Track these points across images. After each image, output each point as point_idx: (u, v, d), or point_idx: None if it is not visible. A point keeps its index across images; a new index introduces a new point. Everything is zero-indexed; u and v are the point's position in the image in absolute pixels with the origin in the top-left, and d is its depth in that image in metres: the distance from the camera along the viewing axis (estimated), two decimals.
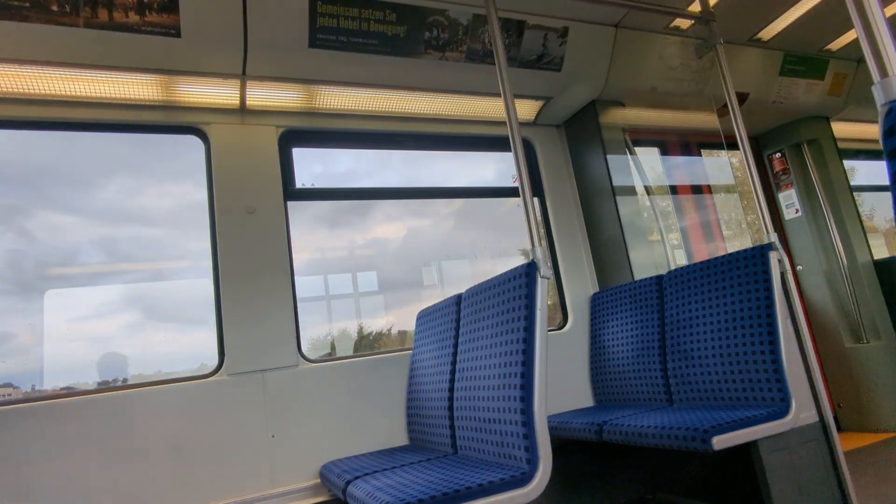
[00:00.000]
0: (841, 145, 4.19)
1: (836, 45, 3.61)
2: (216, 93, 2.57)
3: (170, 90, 2.50)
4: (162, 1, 2.10)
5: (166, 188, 2.77)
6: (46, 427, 2.07)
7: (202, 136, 2.64)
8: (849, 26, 3.41)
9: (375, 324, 3.44)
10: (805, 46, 3.57)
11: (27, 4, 1.97)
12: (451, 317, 2.35)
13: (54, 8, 2.00)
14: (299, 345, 2.55)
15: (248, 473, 2.30)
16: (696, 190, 3.79)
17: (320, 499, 2.35)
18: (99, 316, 2.47)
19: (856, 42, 3.59)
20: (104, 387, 2.31)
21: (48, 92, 2.35)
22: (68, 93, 2.38)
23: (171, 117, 2.58)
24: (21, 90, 2.31)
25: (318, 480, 2.38)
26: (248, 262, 2.53)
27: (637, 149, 3.38)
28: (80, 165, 2.55)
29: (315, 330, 3.14)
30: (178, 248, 2.74)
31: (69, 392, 2.25)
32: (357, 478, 1.89)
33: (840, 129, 4.31)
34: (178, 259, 2.74)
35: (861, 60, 3.91)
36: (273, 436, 2.38)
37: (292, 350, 2.51)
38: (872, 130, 4.76)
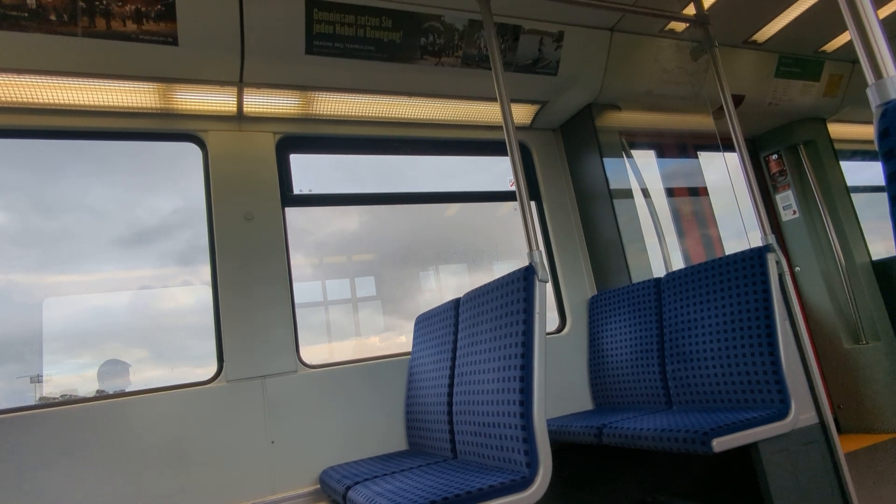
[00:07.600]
0: (837, 146, 4.20)
1: (831, 46, 3.62)
2: (213, 100, 2.58)
3: (167, 98, 2.51)
4: (159, 9, 2.11)
5: None
6: (46, 434, 2.07)
7: (199, 143, 2.65)
8: (844, 27, 3.42)
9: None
10: (800, 48, 3.59)
11: (25, 14, 1.98)
12: (450, 321, 2.35)
13: (52, 18, 2.01)
14: (298, 350, 2.55)
15: (248, 479, 2.30)
16: (693, 192, 3.79)
17: None
18: None
19: (851, 43, 3.59)
20: (104, 394, 2.31)
21: (47, 101, 2.35)
22: (67, 102, 2.38)
23: (168, 125, 2.59)
24: (20, 99, 2.31)
25: (318, 486, 2.37)
26: (247, 268, 2.53)
27: (633, 151, 3.39)
28: None
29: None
30: None
31: (69, 399, 2.24)
32: (357, 483, 1.89)
33: (837, 130, 4.32)
34: None
35: (857, 61, 3.92)
36: (273, 442, 2.37)
37: (291, 356, 2.51)
38: (870, 131, 4.77)
